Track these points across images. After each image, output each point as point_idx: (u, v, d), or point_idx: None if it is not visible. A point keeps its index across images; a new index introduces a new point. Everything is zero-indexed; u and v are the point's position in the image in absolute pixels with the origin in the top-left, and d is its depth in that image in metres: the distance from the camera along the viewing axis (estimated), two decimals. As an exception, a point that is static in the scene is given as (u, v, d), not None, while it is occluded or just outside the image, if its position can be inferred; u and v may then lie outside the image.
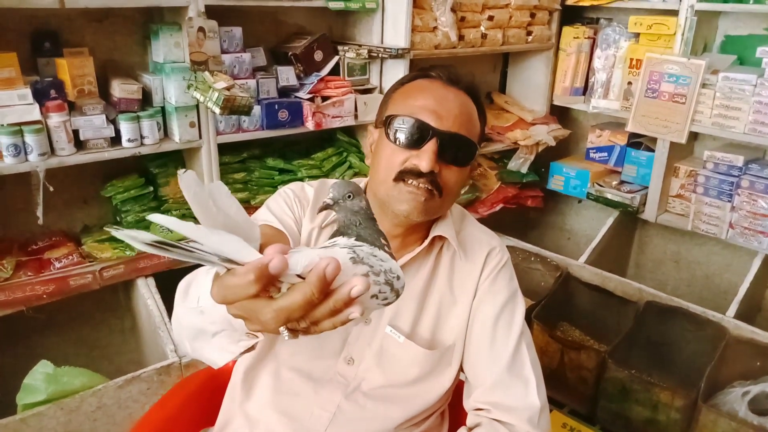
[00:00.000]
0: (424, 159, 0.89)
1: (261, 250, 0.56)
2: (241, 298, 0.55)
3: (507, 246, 1.07)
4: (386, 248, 0.66)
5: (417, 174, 0.89)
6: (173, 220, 0.51)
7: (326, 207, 0.68)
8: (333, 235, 0.68)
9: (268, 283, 0.55)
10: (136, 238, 0.50)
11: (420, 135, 0.90)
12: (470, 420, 0.98)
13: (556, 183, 2.70)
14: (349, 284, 0.55)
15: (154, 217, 0.53)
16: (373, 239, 0.66)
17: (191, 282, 0.74)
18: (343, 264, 0.57)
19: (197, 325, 0.70)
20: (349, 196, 0.67)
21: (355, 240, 0.65)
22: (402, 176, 0.90)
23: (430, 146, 0.89)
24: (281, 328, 0.57)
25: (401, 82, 1.01)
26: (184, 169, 0.54)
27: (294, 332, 0.59)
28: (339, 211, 0.68)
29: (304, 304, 0.54)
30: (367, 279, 0.56)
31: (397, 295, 0.63)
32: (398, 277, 0.63)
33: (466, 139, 0.92)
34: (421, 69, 1.01)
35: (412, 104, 0.93)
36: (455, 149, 0.91)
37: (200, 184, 0.54)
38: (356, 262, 0.59)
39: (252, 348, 0.74)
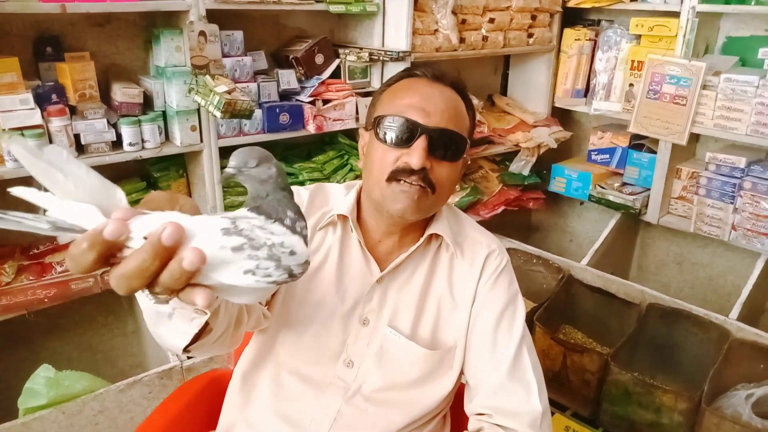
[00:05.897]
0: (414, 156, 0.89)
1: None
2: (86, 267, 0.52)
3: (509, 248, 1.07)
4: (289, 222, 0.60)
5: (409, 172, 0.90)
6: (32, 192, 0.51)
7: (229, 176, 0.61)
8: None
9: (107, 250, 0.51)
10: None
11: (409, 133, 0.90)
12: (472, 425, 0.97)
13: (557, 185, 2.70)
14: (181, 256, 0.51)
15: (15, 190, 0.51)
16: (275, 211, 0.59)
17: None
18: (212, 235, 0.53)
19: (151, 307, 0.68)
20: (255, 164, 0.60)
21: (250, 210, 0.59)
22: (394, 176, 0.91)
23: (420, 143, 0.89)
24: (145, 291, 0.54)
25: (388, 84, 1.01)
26: (9, 134, 0.52)
27: (156, 296, 0.55)
28: (245, 181, 0.61)
29: (138, 271, 0.51)
30: (200, 251, 0.51)
31: (290, 274, 0.57)
32: (292, 253, 0.57)
33: (455, 133, 0.92)
34: (405, 69, 1.02)
35: (399, 103, 0.94)
36: (445, 144, 0.92)
37: (35, 151, 0.50)
38: (229, 234, 0.54)
39: (207, 328, 0.71)
